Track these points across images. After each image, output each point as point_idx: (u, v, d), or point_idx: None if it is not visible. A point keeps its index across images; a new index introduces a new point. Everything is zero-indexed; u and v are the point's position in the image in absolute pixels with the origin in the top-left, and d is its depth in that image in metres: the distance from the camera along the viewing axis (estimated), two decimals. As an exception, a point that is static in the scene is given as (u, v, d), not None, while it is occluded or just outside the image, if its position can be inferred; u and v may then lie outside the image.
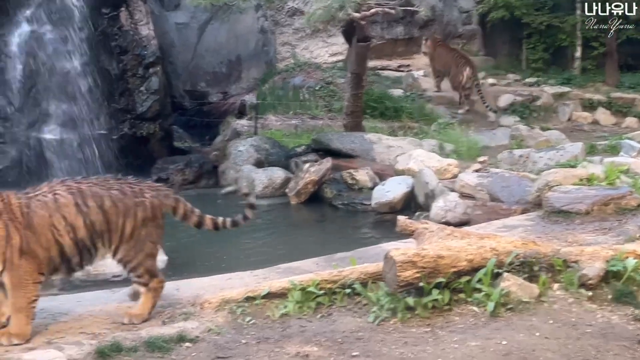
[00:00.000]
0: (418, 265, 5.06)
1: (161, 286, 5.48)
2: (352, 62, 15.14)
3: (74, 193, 5.22)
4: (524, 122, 18.45)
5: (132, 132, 15.51)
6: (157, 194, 5.46)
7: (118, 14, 15.53)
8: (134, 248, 5.30)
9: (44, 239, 5.07)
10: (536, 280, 5.36)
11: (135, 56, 15.56)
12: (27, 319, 4.99)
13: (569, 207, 8.08)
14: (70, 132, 15.03)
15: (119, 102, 15.49)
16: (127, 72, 15.53)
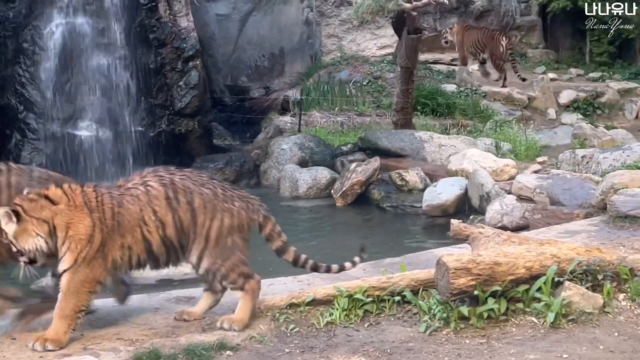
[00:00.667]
0: (473, 272, 5.04)
1: (258, 287, 5.40)
2: (402, 56, 15.13)
3: (165, 185, 5.22)
4: (587, 120, 18.24)
5: (170, 128, 15.67)
6: (246, 205, 5.37)
7: (156, 5, 15.70)
8: (221, 256, 5.23)
9: (130, 238, 5.14)
10: (600, 289, 5.30)
11: (174, 49, 15.72)
12: (68, 328, 5.02)
13: (637, 211, 7.98)
14: (106, 129, 15.27)
15: (156, 98, 15.67)
16: (165, 65, 15.70)
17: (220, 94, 20.81)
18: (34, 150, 15.00)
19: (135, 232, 5.14)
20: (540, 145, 15.16)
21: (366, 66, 21.15)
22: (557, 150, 14.45)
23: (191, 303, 5.84)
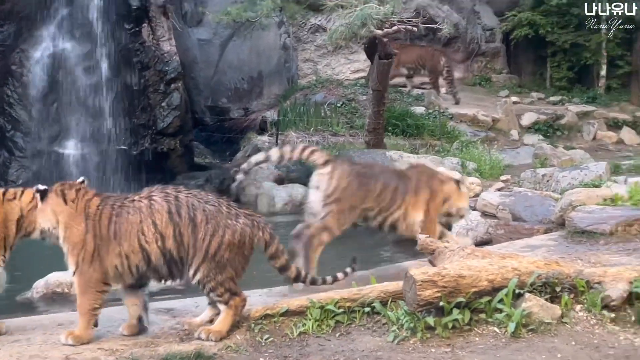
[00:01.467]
0: (438, 284, 5.05)
1: (243, 304, 5.37)
2: (374, 79, 15.18)
3: (169, 200, 5.26)
4: (547, 141, 18.41)
5: (152, 147, 15.63)
6: (251, 223, 5.34)
7: (140, 30, 15.70)
8: (215, 270, 5.20)
9: (127, 246, 5.18)
10: (558, 301, 5.32)
11: (156, 72, 15.71)
12: (87, 324, 5.18)
13: (593, 227, 8.02)
14: (90, 147, 15.19)
15: (139, 118, 15.63)
16: (148, 87, 15.69)
17: (202, 114, 20.79)
18: (21, 167, 14.90)
19: (133, 241, 5.19)
20: (504, 165, 15.23)
21: (340, 89, 21.22)
22: (519, 169, 14.54)
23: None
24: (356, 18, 11.45)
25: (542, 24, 23.54)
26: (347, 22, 11.63)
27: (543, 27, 23.59)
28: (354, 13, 11.45)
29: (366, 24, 11.54)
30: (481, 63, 25.29)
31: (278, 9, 16.30)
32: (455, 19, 23.92)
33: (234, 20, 15.21)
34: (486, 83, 24.70)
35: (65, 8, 15.53)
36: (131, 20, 15.69)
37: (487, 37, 25.41)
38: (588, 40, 23.52)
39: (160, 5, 15.96)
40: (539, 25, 23.56)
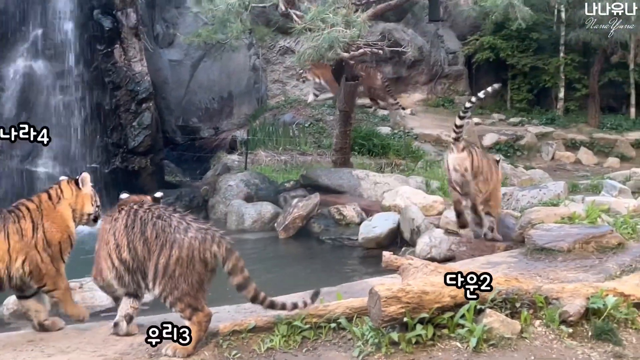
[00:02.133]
0: (402, 300, 5.05)
1: (207, 319, 5.23)
2: (341, 100, 15.24)
3: (129, 214, 5.32)
4: (508, 161, 18.57)
5: (123, 166, 15.53)
6: (202, 237, 5.17)
7: (112, 51, 15.62)
8: (170, 285, 5.12)
9: (102, 251, 5.41)
10: (518, 316, 5.35)
11: (128, 92, 15.63)
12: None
13: (551, 244, 8.08)
14: (62, 166, 15.02)
15: (111, 137, 15.53)
16: (120, 107, 15.60)
17: (172, 133, 20.70)
18: (-8, 185, 14.71)
19: (103, 248, 5.38)
20: (466, 184, 15.31)
21: (308, 109, 21.28)
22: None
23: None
24: (323, 41, 11.48)
25: (503, 47, 23.83)
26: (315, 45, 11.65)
27: (504, 51, 23.88)
28: (322, 36, 11.49)
29: (333, 46, 11.58)
30: (444, 85, 25.50)
31: (248, 31, 16.31)
32: (420, 42, 24.16)
33: (205, 42, 15.19)
34: (449, 104, 24.90)
35: (39, 28, 15.40)
36: (103, 41, 15.60)
37: (450, 60, 25.65)
38: (547, 64, 23.86)
39: (132, 27, 15.90)
40: (499, 49, 23.84)
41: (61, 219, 5.74)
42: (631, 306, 5.50)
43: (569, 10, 22.41)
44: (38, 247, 5.57)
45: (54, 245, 5.64)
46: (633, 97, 23.59)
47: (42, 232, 5.61)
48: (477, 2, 13.99)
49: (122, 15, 15.81)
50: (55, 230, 5.67)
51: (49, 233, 5.64)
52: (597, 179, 14.82)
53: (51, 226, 5.66)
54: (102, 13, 15.69)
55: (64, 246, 5.73)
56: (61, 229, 5.71)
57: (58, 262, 5.69)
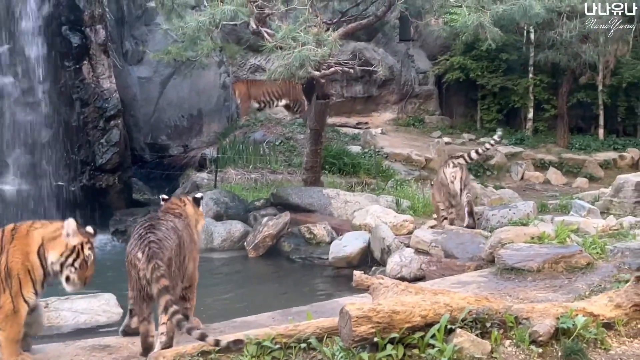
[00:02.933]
0: (373, 320, 5.05)
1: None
2: (311, 119, 15.27)
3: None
4: (478, 181, 18.70)
5: (90, 183, 15.41)
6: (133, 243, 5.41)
7: (80, 67, 15.54)
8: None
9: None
10: (488, 336, 5.37)
11: (96, 109, 15.55)
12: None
13: (521, 264, 8.15)
14: (29, 183, 14.86)
15: (78, 154, 15.41)
16: (87, 124, 15.50)
17: (141, 151, 20.60)
18: (-42, 202, 14.50)
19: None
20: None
21: (279, 127, 21.29)
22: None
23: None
24: (294, 59, 11.51)
25: (473, 68, 24.08)
26: (286, 63, 11.67)
27: (474, 71, 24.12)
28: (293, 54, 11.51)
29: (304, 65, 11.61)
30: (415, 105, 25.69)
31: (218, 49, 16.31)
32: (390, 61, 24.34)
33: (175, 59, 15.17)
34: (419, 124, 25.07)
35: (6, 44, 15.27)
36: (72, 58, 15.51)
37: (420, 80, 25.86)
38: (516, 85, 24.14)
39: (101, 44, 15.83)
40: (469, 69, 24.08)
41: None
42: (600, 326, 5.55)
43: (538, 32, 22.73)
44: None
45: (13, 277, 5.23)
46: (601, 118, 23.94)
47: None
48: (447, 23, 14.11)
49: (90, 32, 15.74)
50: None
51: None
52: (566, 199, 14.98)
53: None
54: (70, 29, 15.60)
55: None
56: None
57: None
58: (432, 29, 15.30)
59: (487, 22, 12.15)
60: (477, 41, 17.46)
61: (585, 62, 21.55)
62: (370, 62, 20.77)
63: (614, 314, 5.75)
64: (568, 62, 21.73)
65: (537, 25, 20.63)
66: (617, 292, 6.04)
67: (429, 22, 14.94)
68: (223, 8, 11.98)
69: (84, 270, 5.28)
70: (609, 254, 8.73)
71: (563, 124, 23.14)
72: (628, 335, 5.62)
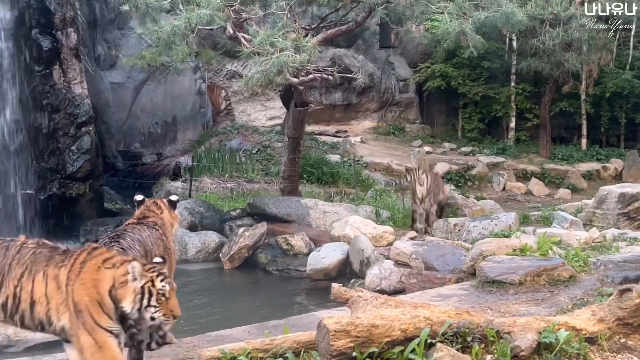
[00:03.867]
0: (351, 334, 5.04)
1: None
2: (289, 127, 15.27)
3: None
4: (459, 191, 18.77)
5: (61, 192, 15.28)
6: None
7: (51, 72, 15.43)
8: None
9: None
10: (469, 351, 5.37)
11: (67, 115, 15.45)
12: None
13: (503, 277, 8.18)
14: (-4, 192, 14.74)
15: (48, 162, 15.29)
16: (58, 130, 15.39)
17: (113, 159, 20.48)
18: None
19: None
20: (417, 214, 15.44)
21: (256, 135, 21.28)
22: (432, 219, 14.75)
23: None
24: (272, 65, 11.51)
25: (454, 76, 24.22)
26: (263, 69, 11.67)
27: (455, 79, 24.27)
28: (270, 60, 11.52)
29: (282, 71, 11.61)
30: (395, 113, 25.80)
31: (194, 54, 16.27)
32: (370, 68, 24.44)
33: (149, 64, 15.09)
34: (400, 133, 25.16)
35: (-26, 48, 15.16)
36: (42, 62, 15.40)
37: (401, 88, 25.98)
38: (498, 93, 24.31)
39: (73, 47, 15.74)
40: (451, 77, 24.22)
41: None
42: (583, 341, 5.58)
43: (521, 39, 22.91)
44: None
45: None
46: (584, 128, 24.15)
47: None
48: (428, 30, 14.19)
49: (61, 35, 15.64)
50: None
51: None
52: (548, 210, 15.08)
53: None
54: (40, 32, 15.49)
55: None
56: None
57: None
58: (413, 36, 15.36)
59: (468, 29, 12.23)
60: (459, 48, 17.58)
61: (568, 70, 21.73)
62: (349, 69, 20.85)
63: (597, 329, 5.78)
64: (551, 70, 21.91)
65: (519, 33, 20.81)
66: (600, 306, 6.07)
67: (410, 28, 15.01)
68: (199, 12, 11.95)
69: (165, 304, 4.87)
70: (592, 266, 8.80)
71: (545, 134, 23.30)
72: (611, 350, 5.65)
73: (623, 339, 5.78)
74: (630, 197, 13.21)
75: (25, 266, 4.80)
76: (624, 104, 24.22)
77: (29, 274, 4.77)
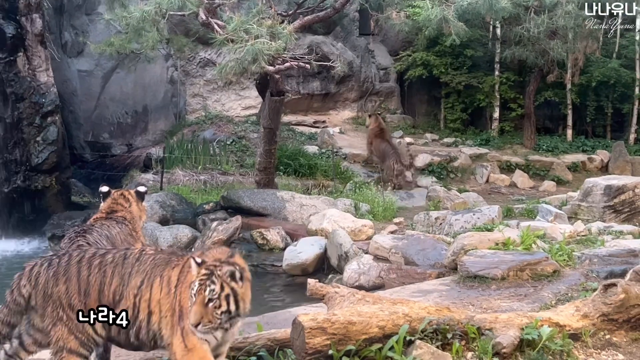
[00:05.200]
0: (328, 331, 5.04)
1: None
2: (265, 117, 15.24)
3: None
4: (441, 183, 18.83)
5: (25, 184, 15.17)
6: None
7: (15, 59, 15.30)
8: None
9: None
10: (450, 348, 5.40)
11: (32, 104, 15.32)
12: None
13: (485, 272, 8.22)
14: (-44, 185, 14.62)
15: (12, 153, 15.16)
16: (22, 120, 15.25)
17: (81, 150, 20.35)
18: None
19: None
20: (397, 207, 15.48)
21: (230, 126, 21.20)
22: (412, 212, 14.80)
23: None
24: (247, 53, 11.48)
25: (436, 64, 24.21)
26: (238, 57, 11.63)
27: (437, 68, 24.25)
28: (245, 48, 11.48)
29: (257, 59, 11.58)
30: (375, 103, 25.77)
31: (165, 41, 16.18)
32: (349, 57, 24.40)
33: (118, 51, 14.99)
34: (381, 123, 25.15)
35: None
36: (5, 49, 15.26)
37: (381, 77, 25.96)
38: (482, 82, 24.32)
39: (38, 34, 15.60)
40: (433, 66, 24.21)
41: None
42: (567, 337, 5.62)
43: (505, 27, 22.96)
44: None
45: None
46: (570, 118, 24.25)
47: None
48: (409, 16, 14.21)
49: (26, 21, 15.50)
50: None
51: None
52: (533, 203, 15.16)
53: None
54: (4, 18, 15.36)
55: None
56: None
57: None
58: (394, 23, 15.38)
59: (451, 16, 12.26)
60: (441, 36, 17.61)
61: (554, 59, 21.79)
62: (328, 57, 20.79)
63: (581, 325, 5.83)
64: (535, 59, 21.96)
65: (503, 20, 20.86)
66: (585, 302, 6.12)
67: (390, 15, 15.01)
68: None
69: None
70: (577, 261, 8.87)
71: (530, 124, 23.38)
72: (595, 346, 5.69)
73: (608, 335, 5.83)
74: (617, 189, 13.30)
75: (145, 273, 4.61)
76: (610, 94, 24.35)
77: (148, 281, 4.60)
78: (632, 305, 5.91)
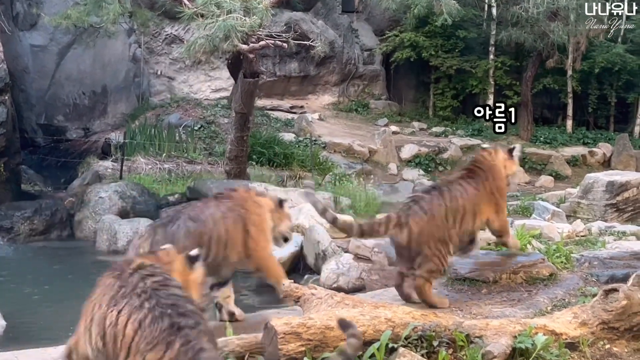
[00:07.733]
0: (303, 337, 5.04)
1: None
2: (237, 100, 15.20)
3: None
4: (428, 177, 18.91)
5: (-30, 171, 15.05)
6: None
7: (-40, 32, 15.16)
8: None
9: None
10: (435, 356, 5.41)
11: (-22, 82, 15.17)
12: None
13: (475, 274, 8.22)
14: None
15: (-44, 136, 15.03)
16: (-33, 100, 15.12)
17: (32, 133, 20.21)
18: None
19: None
20: (381, 202, 15.51)
21: (198, 110, 21.15)
22: (397, 207, 14.78)
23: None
24: (218, 30, 11.44)
25: (426, 46, 24.25)
26: (208, 34, 11.60)
27: (426, 50, 24.30)
28: (216, 24, 11.45)
29: (229, 36, 11.55)
30: (358, 87, 25.82)
31: (127, 15, 16.09)
32: (331, 36, 24.41)
33: (75, 25, 14.88)
34: (363, 109, 25.18)
35: None
36: (-51, 20, 15.12)
37: (365, 59, 25.99)
38: (475, 67, 24.39)
39: (-14, 4, 15.48)
40: (422, 48, 24.25)
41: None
42: (563, 346, 5.65)
43: (501, 6, 23.05)
44: None
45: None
46: (570, 107, 24.38)
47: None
48: (397, -7, 14.21)
49: (-27, -10, 15.37)
50: None
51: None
52: (528, 200, 15.24)
53: None
54: (-52, -14, 15.21)
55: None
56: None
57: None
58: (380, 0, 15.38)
59: (442, -6, 12.27)
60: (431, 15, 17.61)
61: (554, 42, 21.91)
62: (307, 35, 20.82)
63: (579, 333, 5.86)
64: (534, 42, 22.07)
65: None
66: (583, 308, 6.15)
67: (376, -9, 15.01)
68: (134, -34, 11.84)
69: None
70: (575, 263, 8.90)
71: (527, 114, 23.49)
72: (594, 357, 5.73)
73: (608, 345, 5.87)
74: (619, 186, 13.39)
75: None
76: (614, 82, 24.52)
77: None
78: (634, 312, 5.94)
